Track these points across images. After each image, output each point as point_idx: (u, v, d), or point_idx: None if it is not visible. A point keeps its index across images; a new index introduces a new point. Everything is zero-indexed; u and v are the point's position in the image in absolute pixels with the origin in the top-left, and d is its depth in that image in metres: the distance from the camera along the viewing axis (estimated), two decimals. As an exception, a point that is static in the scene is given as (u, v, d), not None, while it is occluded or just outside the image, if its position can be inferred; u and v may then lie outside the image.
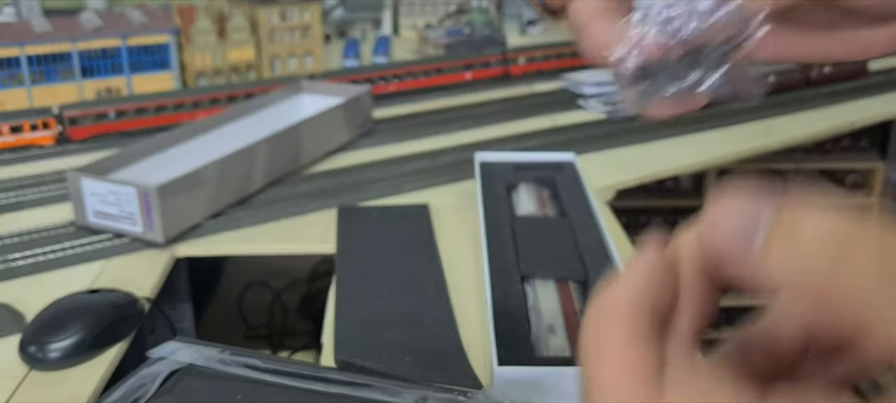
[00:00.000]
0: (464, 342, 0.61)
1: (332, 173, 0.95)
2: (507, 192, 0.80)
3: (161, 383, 0.46)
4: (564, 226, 0.71)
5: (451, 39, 1.57)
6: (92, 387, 0.58)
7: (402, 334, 0.62)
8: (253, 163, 0.87)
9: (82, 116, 1.05)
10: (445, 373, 0.57)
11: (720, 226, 0.23)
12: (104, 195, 0.76)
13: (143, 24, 1.27)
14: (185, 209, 0.78)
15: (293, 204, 0.85)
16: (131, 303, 0.66)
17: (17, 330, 0.63)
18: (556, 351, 0.55)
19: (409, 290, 0.69)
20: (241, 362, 0.48)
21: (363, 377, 0.47)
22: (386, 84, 1.29)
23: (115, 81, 1.25)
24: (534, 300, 0.61)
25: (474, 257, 0.76)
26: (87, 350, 0.60)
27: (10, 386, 0.57)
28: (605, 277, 0.62)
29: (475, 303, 0.68)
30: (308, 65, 1.41)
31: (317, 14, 1.39)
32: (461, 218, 0.84)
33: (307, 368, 0.48)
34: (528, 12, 1.89)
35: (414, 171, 0.95)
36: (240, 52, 1.33)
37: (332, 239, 0.79)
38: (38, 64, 1.20)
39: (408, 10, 1.83)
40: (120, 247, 0.76)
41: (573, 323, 0.58)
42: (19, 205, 0.87)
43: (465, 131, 1.13)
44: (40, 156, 1.02)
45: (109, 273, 0.73)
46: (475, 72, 1.36)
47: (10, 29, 1.23)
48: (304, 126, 0.95)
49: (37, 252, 0.75)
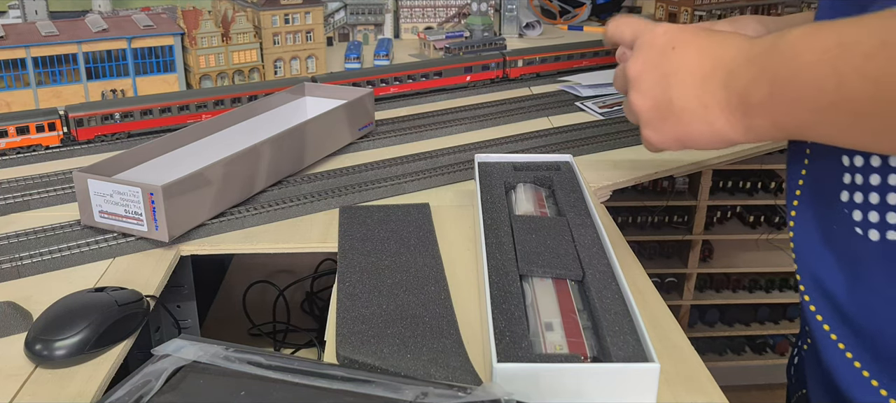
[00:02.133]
0: (463, 339, 0.62)
1: (334, 173, 0.96)
2: (506, 192, 0.80)
3: (166, 380, 0.47)
4: (562, 226, 0.72)
5: (450, 42, 1.58)
6: (97, 384, 0.58)
7: (403, 331, 0.63)
8: (256, 164, 0.88)
9: (88, 117, 1.06)
10: (445, 370, 0.58)
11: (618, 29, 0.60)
12: (110, 195, 0.77)
13: (148, 26, 1.28)
14: (189, 209, 0.79)
15: (296, 203, 0.86)
16: (136, 301, 0.66)
17: (23, 327, 0.64)
18: (554, 348, 0.55)
19: (410, 288, 0.70)
20: (245, 359, 0.48)
21: (365, 373, 0.47)
22: (387, 86, 1.30)
23: (121, 83, 1.26)
24: (532, 298, 0.62)
25: (474, 256, 0.77)
26: (93, 347, 0.61)
27: (17, 383, 0.58)
28: (601, 275, 0.63)
29: (474, 301, 0.69)
30: (311, 67, 1.42)
31: (319, 17, 1.40)
32: (461, 217, 0.85)
33: (310, 365, 0.48)
34: (526, 16, 1.90)
35: (414, 172, 0.96)
36: (243, 55, 1.34)
37: (335, 238, 0.80)
38: (44, 65, 1.21)
39: (408, 14, 1.83)
40: (125, 246, 0.77)
41: (571, 321, 0.59)
42: (26, 205, 0.88)
43: (465, 132, 1.14)
44: (46, 157, 1.03)
45: (115, 271, 0.74)
46: (474, 74, 1.37)
47: (17, 31, 1.24)
48: (306, 127, 0.96)
49: (43, 251, 0.75)
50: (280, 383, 0.47)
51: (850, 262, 0.50)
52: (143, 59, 1.27)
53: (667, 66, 0.55)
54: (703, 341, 2.02)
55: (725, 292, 1.96)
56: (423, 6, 1.83)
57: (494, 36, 1.75)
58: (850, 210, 0.50)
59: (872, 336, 0.49)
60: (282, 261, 1.16)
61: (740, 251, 1.94)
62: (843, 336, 0.51)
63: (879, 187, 0.48)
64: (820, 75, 0.43)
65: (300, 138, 0.95)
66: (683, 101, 0.53)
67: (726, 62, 0.51)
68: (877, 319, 0.49)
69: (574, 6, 2.00)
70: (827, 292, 0.52)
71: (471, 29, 1.74)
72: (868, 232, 0.49)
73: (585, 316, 0.60)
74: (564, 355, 0.54)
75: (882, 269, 0.48)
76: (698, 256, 1.87)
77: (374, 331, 0.63)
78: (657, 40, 0.56)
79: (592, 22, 2.00)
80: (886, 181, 0.47)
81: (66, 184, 0.92)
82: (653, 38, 0.56)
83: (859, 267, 0.50)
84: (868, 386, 0.49)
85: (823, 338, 0.52)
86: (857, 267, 0.50)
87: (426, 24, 1.84)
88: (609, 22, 0.62)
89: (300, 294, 1.11)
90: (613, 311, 0.58)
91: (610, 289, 0.61)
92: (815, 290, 0.53)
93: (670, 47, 0.55)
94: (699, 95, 0.52)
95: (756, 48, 0.49)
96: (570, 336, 0.57)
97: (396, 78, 1.30)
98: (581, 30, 1.95)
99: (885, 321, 0.48)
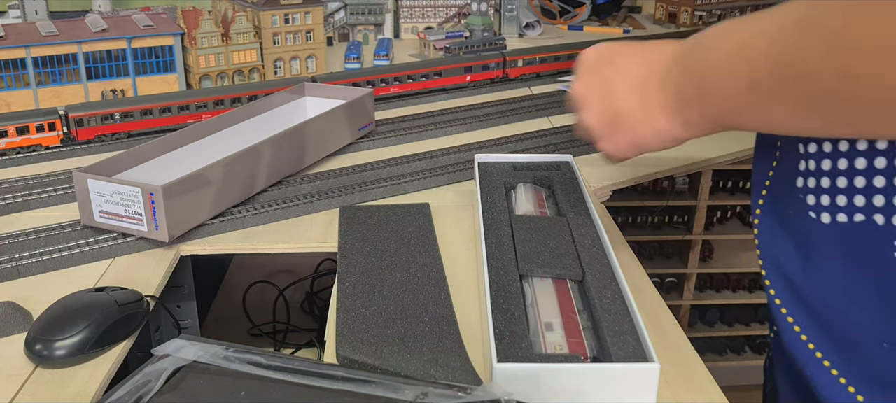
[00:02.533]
0: (463, 339, 0.62)
1: (334, 173, 0.96)
2: (506, 192, 0.80)
3: (166, 379, 0.47)
4: (562, 226, 0.72)
5: (450, 42, 1.58)
6: (97, 384, 0.59)
7: (403, 331, 0.63)
8: (257, 164, 0.88)
9: (88, 117, 1.06)
10: (446, 370, 0.58)
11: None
12: (110, 195, 0.77)
13: (148, 26, 1.28)
14: (189, 209, 0.79)
15: (296, 203, 0.86)
16: (136, 301, 0.66)
17: (23, 327, 0.64)
18: (554, 349, 0.55)
19: (410, 288, 0.70)
20: (245, 359, 0.48)
21: (365, 373, 0.47)
22: (387, 86, 1.30)
23: (121, 83, 1.26)
24: (532, 298, 0.62)
25: (474, 256, 0.77)
26: (93, 347, 0.61)
27: (17, 383, 0.58)
28: (601, 275, 0.63)
29: (474, 301, 0.69)
30: (311, 67, 1.42)
31: (319, 17, 1.40)
32: (461, 217, 0.85)
33: (310, 364, 0.48)
34: (526, 16, 1.90)
35: (414, 172, 0.96)
36: (243, 55, 1.34)
37: (335, 238, 0.80)
38: (44, 65, 1.21)
39: (408, 14, 1.83)
40: (125, 246, 0.77)
41: (571, 321, 0.59)
42: (26, 205, 0.88)
43: (465, 132, 1.14)
44: (46, 157, 1.03)
45: (115, 271, 0.74)
46: (474, 74, 1.37)
47: (17, 31, 1.24)
48: (306, 127, 0.96)
49: (43, 251, 0.75)
50: (280, 383, 0.47)
51: (804, 245, 0.52)
52: (143, 59, 1.27)
53: (607, 80, 0.59)
54: (703, 341, 2.02)
55: (725, 292, 1.96)
56: (423, 6, 1.83)
57: (494, 36, 1.75)
58: (805, 195, 0.52)
59: (823, 316, 0.51)
60: (282, 261, 1.16)
61: (740, 251, 1.94)
62: (799, 319, 0.53)
63: (830, 172, 0.50)
64: (735, 64, 0.47)
65: (300, 138, 0.95)
66: (627, 108, 0.58)
67: (660, 66, 0.56)
68: (827, 299, 0.51)
69: (574, 6, 2.00)
70: (784, 274, 0.54)
71: (471, 29, 1.74)
72: (820, 216, 0.51)
73: (585, 316, 0.60)
74: (564, 355, 0.54)
75: (831, 250, 0.50)
76: (698, 256, 1.87)
77: (374, 331, 0.63)
78: (593, 59, 0.61)
79: (592, 22, 2.00)
80: (836, 165, 0.49)
81: (66, 184, 0.92)
82: (588, 58, 0.62)
83: (811, 250, 0.52)
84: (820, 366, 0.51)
85: (782, 321, 0.54)
86: (809, 249, 0.52)
87: (426, 24, 1.84)
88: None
89: (300, 294, 1.11)
90: (613, 311, 0.58)
91: (610, 289, 0.61)
92: (774, 273, 0.55)
93: (607, 62, 0.60)
94: (640, 100, 0.57)
95: (683, 47, 0.53)
96: (570, 337, 0.57)
97: (396, 78, 1.30)
98: (581, 30, 1.95)
99: (835, 300, 0.50)
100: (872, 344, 0.48)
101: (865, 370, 0.49)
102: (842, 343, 0.50)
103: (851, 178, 0.48)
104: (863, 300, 0.48)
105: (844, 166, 0.49)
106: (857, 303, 0.49)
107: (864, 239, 0.48)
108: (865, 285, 0.48)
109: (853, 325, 0.49)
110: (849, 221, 0.49)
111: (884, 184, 0.47)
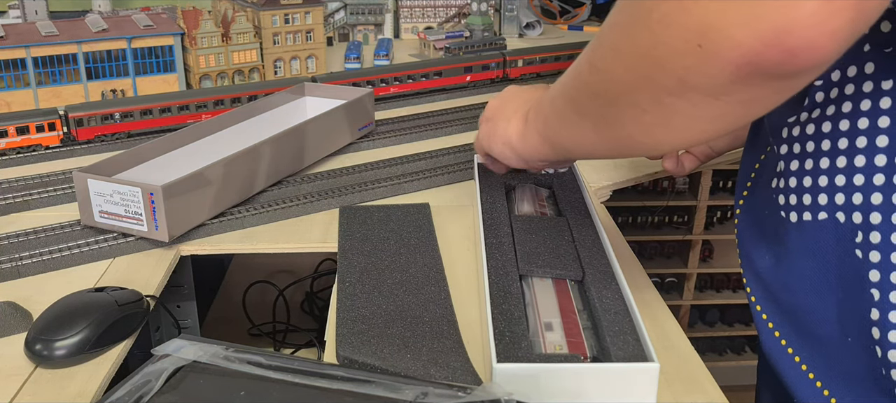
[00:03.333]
0: (463, 339, 0.62)
1: (334, 173, 0.96)
2: (506, 192, 0.81)
3: (166, 379, 0.47)
4: (562, 226, 0.72)
5: (450, 42, 1.58)
6: (97, 384, 0.58)
7: (403, 331, 0.63)
8: (257, 164, 0.88)
9: (88, 117, 1.06)
10: (445, 370, 0.58)
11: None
12: (110, 195, 0.77)
13: (148, 26, 1.28)
14: (189, 209, 0.79)
15: (296, 203, 0.86)
16: (136, 301, 0.66)
17: (23, 327, 0.64)
18: (554, 348, 0.55)
19: (410, 288, 0.70)
20: (245, 359, 0.48)
21: (365, 373, 0.47)
22: (387, 86, 1.30)
23: (121, 83, 1.26)
24: (531, 298, 0.62)
25: (474, 256, 0.77)
26: (93, 347, 0.61)
27: (17, 383, 0.58)
28: (601, 275, 0.63)
29: (474, 301, 0.69)
30: (311, 67, 1.42)
31: (319, 17, 1.40)
32: (461, 217, 0.85)
33: (310, 364, 0.48)
34: (526, 16, 1.90)
35: (414, 172, 0.96)
36: (243, 55, 1.34)
37: (335, 238, 0.80)
38: (44, 65, 1.21)
39: (408, 14, 1.83)
40: (125, 246, 0.77)
41: (571, 321, 0.59)
42: (26, 205, 0.88)
43: (465, 132, 1.14)
44: (46, 157, 1.03)
45: (115, 271, 0.74)
46: (474, 74, 1.37)
47: (17, 31, 1.24)
48: (306, 127, 0.96)
49: (43, 251, 0.75)
50: (280, 383, 0.47)
51: (775, 243, 0.55)
52: (143, 59, 1.27)
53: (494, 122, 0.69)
54: (703, 341, 2.02)
55: (725, 292, 1.96)
56: (423, 6, 1.83)
57: (494, 36, 1.75)
58: (776, 195, 0.54)
59: (794, 313, 0.53)
60: (282, 261, 1.16)
61: (740, 251, 1.94)
62: (773, 317, 0.55)
63: (797, 172, 0.52)
64: (563, 78, 0.54)
65: (300, 138, 0.95)
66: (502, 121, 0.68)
67: (532, 100, 0.65)
68: (797, 296, 0.53)
69: (574, 6, 2.00)
70: (757, 273, 0.56)
71: (471, 29, 1.74)
72: (789, 215, 0.53)
73: (585, 316, 0.60)
74: (564, 355, 0.54)
75: (799, 248, 0.52)
76: (698, 256, 1.87)
77: (374, 331, 0.63)
78: (487, 113, 0.72)
79: (592, 22, 2.00)
80: (803, 165, 0.51)
81: (66, 184, 0.92)
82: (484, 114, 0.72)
83: (781, 247, 0.54)
84: (792, 362, 0.53)
85: (757, 318, 0.56)
86: (779, 246, 0.54)
87: (426, 24, 1.84)
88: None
89: (300, 294, 1.11)
90: (613, 311, 0.58)
91: (610, 289, 0.61)
92: (749, 272, 0.58)
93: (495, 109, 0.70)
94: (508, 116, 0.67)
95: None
96: (569, 337, 0.57)
97: (396, 78, 1.30)
98: (581, 30, 1.95)
99: (804, 297, 0.52)
100: (838, 340, 0.50)
101: (834, 366, 0.51)
102: (811, 340, 0.52)
103: (816, 178, 0.51)
104: (828, 296, 0.50)
105: (810, 166, 0.51)
106: (823, 300, 0.51)
107: (827, 237, 0.50)
108: (830, 281, 0.50)
109: (820, 321, 0.51)
110: (813, 219, 0.51)
111: (844, 183, 0.49)
